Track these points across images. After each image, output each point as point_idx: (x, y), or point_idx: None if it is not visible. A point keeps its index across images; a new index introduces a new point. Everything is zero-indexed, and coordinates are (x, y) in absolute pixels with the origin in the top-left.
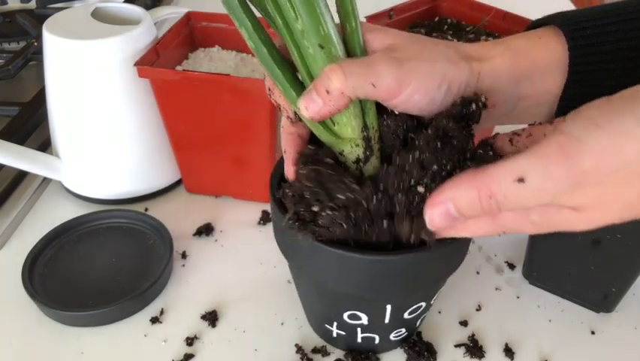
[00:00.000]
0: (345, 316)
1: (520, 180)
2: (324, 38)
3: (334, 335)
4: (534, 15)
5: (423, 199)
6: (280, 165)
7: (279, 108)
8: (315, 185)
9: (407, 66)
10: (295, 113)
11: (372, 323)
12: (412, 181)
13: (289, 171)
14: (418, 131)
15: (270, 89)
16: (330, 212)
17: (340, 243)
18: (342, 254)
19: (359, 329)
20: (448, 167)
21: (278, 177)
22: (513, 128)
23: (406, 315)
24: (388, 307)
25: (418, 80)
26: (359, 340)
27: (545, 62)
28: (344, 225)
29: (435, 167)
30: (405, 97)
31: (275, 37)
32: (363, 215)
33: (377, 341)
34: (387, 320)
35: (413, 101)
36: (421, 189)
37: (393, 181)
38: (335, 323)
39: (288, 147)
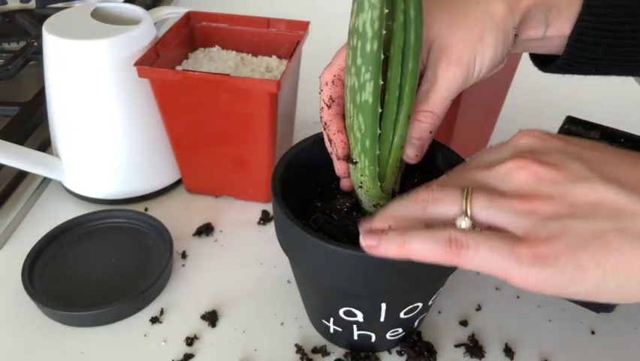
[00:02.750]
0: (341, 312)
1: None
2: None
3: (332, 331)
4: None
5: None
6: (281, 164)
7: (329, 142)
8: None
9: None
10: (348, 156)
11: (368, 321)
12: None
13: (340, 168)
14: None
15: (326, 124)
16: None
17: (335, 239)
18: (335, 249)
19: (355, 326)
20: None
21: (280, 175)
22: None
23: (401, 315)
24: (383, 306)
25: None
26: (355, 337)
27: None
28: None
29: None
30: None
31: None
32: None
33: (373, 339)
34: (382, 319)
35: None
36: None
37: None
38: (332, 319)
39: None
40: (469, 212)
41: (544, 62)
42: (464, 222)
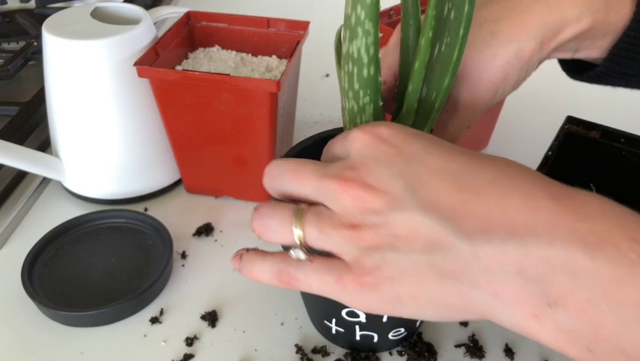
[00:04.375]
0: (344, 313)
1: None
2: None
3: (333, 331)
4: None
5: None
6: None
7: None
8: None
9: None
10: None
11: (370, 321)
12: None
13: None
14: None
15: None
16: None
17: None
18: None
19: (357, 327)
20: None
21: None
22: None
23: None
24: None
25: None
26: (358, 338)
27: (613, 26)
28: None
29: None
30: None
31: None
32: None
33: (376, 339)
34: (385, 319)
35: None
36: None
37: None
38: (334, 320)
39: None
40: (300, 241)
41: (572, 68)
42: (300, 254)
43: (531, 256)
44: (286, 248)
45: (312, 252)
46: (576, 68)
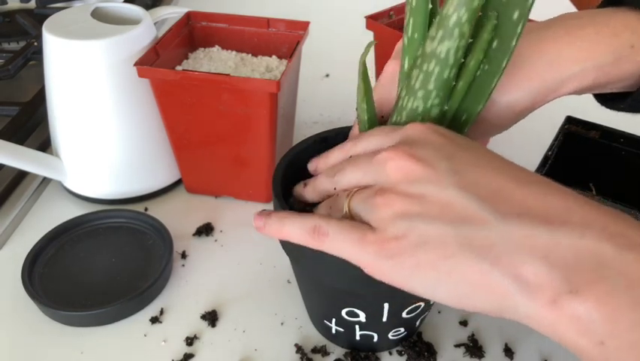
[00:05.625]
0: (344, 313)
1: None
2: None
3: (333, 331)
4: (534, 17)
5: None
6: (281, 165)
7: None
8: None
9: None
10: None
11: (370, 321)
12: None
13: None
14: None
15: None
16: None
17: None
18: None
19: (357, 327)
20: None
21: (281, 176)
22: None
23: (404, 314)
24: (386, 306)
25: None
26: (357, 337)
27: (627, 74)
28: None
29: None
30: None
31: None
32: None
33: (376, 339)
34: (385, 319)
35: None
36: None
37: None
38: (334, 320)
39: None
40: (347, 209)
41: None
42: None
43: (560, 244)
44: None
45: None
46: (605, 96)
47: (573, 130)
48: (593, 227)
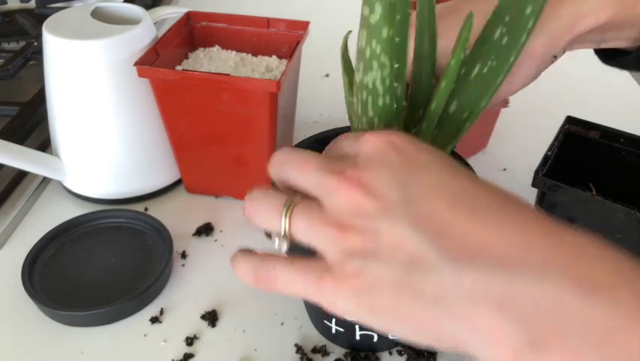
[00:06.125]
0: None
1: None
2: None
3: (333, 331)
4: None
5: None
6: None
7: None
8: None
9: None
10: None
11: None
12: None
13: None
14: None
15: None
16: None
17: None
18: None
19: (357, 327)
20: None
21: None
22: None
23: None
24: None
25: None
26: (357, 337)
27: None
28: None
29: None
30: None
31: None
32: None
33: (376, 339)
34: None
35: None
36: None
37: None
38: (334, 320)
39: None
40: (287, 233)
41: (604, 53)
42: (283, 245)
43: (517, 291)
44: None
45: (294, 250)
46: (608, 53)
47: (573, 130)
48: (553, 268)
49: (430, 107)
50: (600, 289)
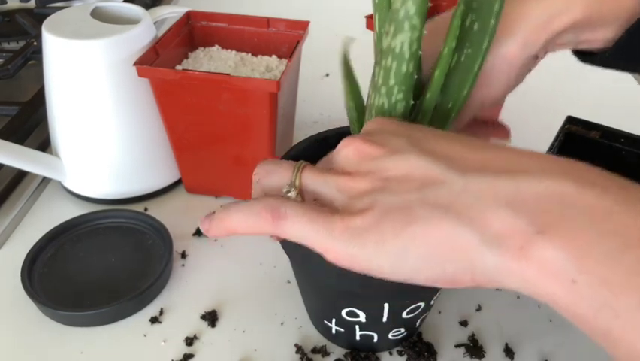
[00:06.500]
0: (344, 313)
1: None
2: None
3: (333, 331)
4: None
5: None
6: None
7: None
8: None
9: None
10: None
11: (370, 321)
12: None
13: None
14: None
15: None
16: None
17: None
18: None
19: (357, 327)
20: None
21: None
22: None
23: (404, 314)
24: (386, 306)
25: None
26: (357, 337)
27: (616, 14)
28: None
29: None
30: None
31: None
32: None
33: (376, 339)
34: (385, 319)
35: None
36: None
37: None
38: (334, 320)
39: None
40: (297, 183)
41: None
42: (291, 193)
43: (523, 189)
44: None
45: None
46: (586, 54)
47: (573, 130)
48: (553, 172)
49: (425, 98)
50: (594, 185)
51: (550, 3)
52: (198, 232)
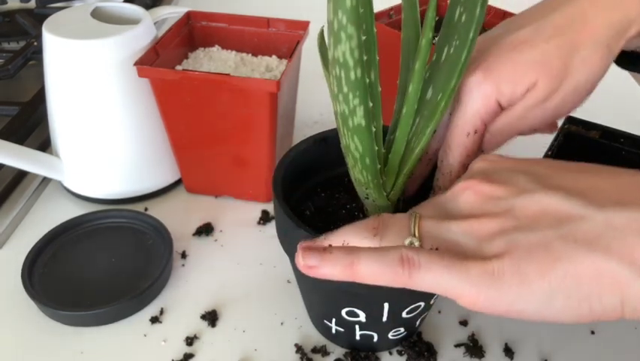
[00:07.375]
0: (344, 313)
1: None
2: None
3: (333, 331)
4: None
5: None
6: (282, 165)
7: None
8: None
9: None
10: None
11: (370, 321)
12: None
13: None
14: None
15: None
16: None
17: None
18: None
19: (357, 327)
20: None
21: (281, 176)
22: None
23: (404, 314)
24: (386, 306)
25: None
26: (357, 337)
27: None
28: None
29: None
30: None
31: None
32: None
33: (375, 339)
34: (385, 319)
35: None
36: None
37: None
38: (334, 320)
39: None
40: (416, 234)
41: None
42: (415, 243)
43: None
44: None
45: None
46: (628, 59)
47: (573, 130)
48: None
49: (408, 91)
50: None
51: (626, 7)
52: (198, 232)
